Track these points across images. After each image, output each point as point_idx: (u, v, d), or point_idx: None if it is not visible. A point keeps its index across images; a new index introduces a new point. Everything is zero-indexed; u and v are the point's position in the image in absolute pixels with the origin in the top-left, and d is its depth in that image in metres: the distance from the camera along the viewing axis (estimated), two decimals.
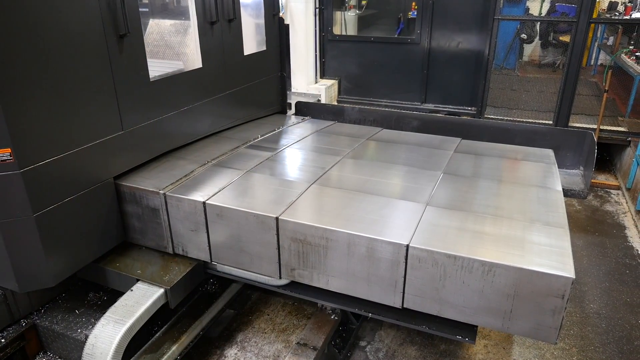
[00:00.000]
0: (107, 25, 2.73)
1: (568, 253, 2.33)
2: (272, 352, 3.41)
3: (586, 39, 5.78)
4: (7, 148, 2.33)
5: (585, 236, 4.86)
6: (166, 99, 3.30)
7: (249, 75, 4.21)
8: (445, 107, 6.86)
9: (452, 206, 2.81)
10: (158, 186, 2.96)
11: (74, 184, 2.71)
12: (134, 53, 2.96)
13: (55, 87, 2.49)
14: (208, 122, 3.81)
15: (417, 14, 6.68)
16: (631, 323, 3.68)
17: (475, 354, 3.39)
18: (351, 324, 3.46)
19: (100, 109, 2.80)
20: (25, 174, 2.42)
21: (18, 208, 2.45)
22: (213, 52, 3.66)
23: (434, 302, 2.46)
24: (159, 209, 2.97)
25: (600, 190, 5.92)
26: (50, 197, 2.57)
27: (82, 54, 2.62)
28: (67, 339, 2.86)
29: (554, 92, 6.73)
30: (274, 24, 4.43)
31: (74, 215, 2.74)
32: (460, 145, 3.90)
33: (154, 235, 3.08)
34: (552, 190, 3.05)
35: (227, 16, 3.71)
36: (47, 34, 2.41)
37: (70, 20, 2.53)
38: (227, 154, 3.52)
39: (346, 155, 3.61)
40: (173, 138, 3.48)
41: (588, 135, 3.82)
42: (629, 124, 6.26)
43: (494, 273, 2.27)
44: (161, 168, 3.25)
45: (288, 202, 2.81)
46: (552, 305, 2.22)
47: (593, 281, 4.15)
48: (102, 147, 2.85)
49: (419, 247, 2.38)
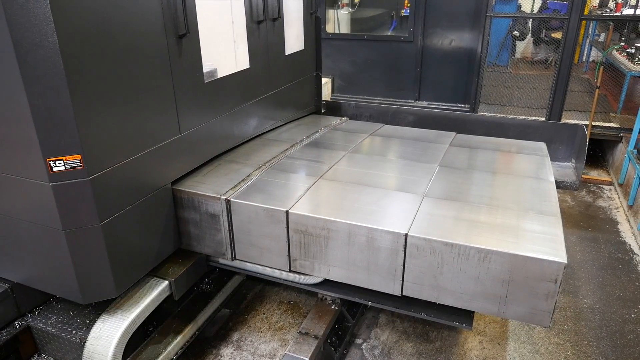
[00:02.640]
0: (168, 25, 2.65)
1: (560, 240, 2.41)
2: (268, 351, 3.41)
3: (578, 36, 5.81)
4: (77, 154, 2.25)
5: (579, 231, 4.90)
6: (217, 101, 3.22)
7: (290, 76, 4.14)
8: (438, 105, 6.88)
9: (449, 197, 2.89)
10: (218, 191, 2.89)
11: (137, 191, 2.64)
12: (192, 54, 2.89)
13: (120, 89, 2.42)
14: (254, 124, 3.73)
15: (409, 12, 6.68)
16: (624, 317, 3.71)
17: (471, 350, 3.41)
18: (347, 322, 3.47)
19: (161, 111, 2.72)
20: (94, 181, 2.34)
21: (85, 217, 2.38)
22: (259, 53, 3.58)
23: (432, 289, 2.54)
24: (219, 215, 2.89)
25: (592, 186, 5.96)
26: (115, 204, 2.50)
27: (145, 55, 2.54)
28: (61, 341, 2.85)
29: (547, 89, 6.78)
30: (311, 23, 4.37)
31: (136, 223, 2.67)
32: (456, 139, 3.98)
33: (212, 242, 3.01)
34: (545, 181, 3.13)
35: (272, 15, 3.64)
36: (114, 35, 2.33)
37: (135, 20, 2.44)
38: (278, 157, 3.45)
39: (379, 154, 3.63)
40: (223, 141, 3.41)
41: (579, 129, 3.91)
42: (621, 120, 6.31)
43: (490, 260, 2.35)
44: (215, 172, 3.18)
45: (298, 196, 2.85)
46: (546, 289, 2.30)
47: (586, 276, 4.18)
48: (162, 151, 2.78)
49: (417, 236, 2.46)
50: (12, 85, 2.11)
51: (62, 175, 2.27)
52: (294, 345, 2.87)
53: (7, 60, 2.06)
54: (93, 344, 2.68)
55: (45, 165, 2.24)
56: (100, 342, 2.66)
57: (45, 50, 2.06)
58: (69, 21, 2.09)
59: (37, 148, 2.21)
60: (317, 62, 4.60)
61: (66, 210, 2.35)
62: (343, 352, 3.38)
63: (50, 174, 2.26)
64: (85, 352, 2.70)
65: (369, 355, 3.40)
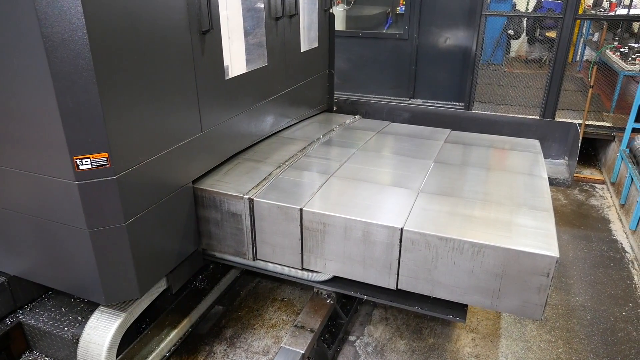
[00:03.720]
0: (192, 20, 2.59)
1: (552, 234, 2.45)
2: (262, 347, 3.41)
3: (572, 35, 5.84)
4: (104, 152, 2.20)
5: (571, 230, 4.93)
6: (237, 98, 3.18)
7: (305, 73, 4.10)
8: (433, 103, 6.89)
9: (443, 192, 2.92)
10: (241, 190, 2.85)
11: (160, 190, 2.60)
12: (214, 50, 2.84)
13: (146, 85, 2.37)
14: (270, 122, 3.69)
15: (405, 10, 6.68)
16: (615, 315, 3.74)
17: (464, 347, 3.43)
18: (340, 319, 3.47)
19: (184, 109, 2.68)
20: (120, 180, 2.29)
21: (110, 216, 2.33)
22: (276, 50, 3.54)
23: (427, 283, 2.57)
24: (241, 215, 2.85)
25: (585, 184, 6.00)
26: (139, 204, 2.46)
27: (170, 51, 2.49)
28: (53, 338, 2.83)
29: (541, 88, 6.80)
30: (325, 20, 4.33)
31: (159, 222, 2.63)
32: (450, 136, 4.01)
33: (233, 242, 2.97)
34: (538, 178, 3.17)
35: (289, 11, 3.58)
36: (142, 30, 2.27)
37: (161, 15, 2.38)
38: (297, 155, 3.42)
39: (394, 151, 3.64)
40: (242, 139, 3.37)
41: (572, 127, 3.97)
42: (614, 119, 6.35)
43: (483, 254, 2.38)
44: (235, 171, 3.14)
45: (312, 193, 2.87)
46: (538, 283, 2.34)
47: (578, 274, 4.21)
48: (185, 149, 2.73)
49: (412, 230, 2.49)
50: (40, 81, 2.06)
51: (88, 173, 2.22)
52: (290, 339, 2.88)
53: (36, 55, 2.01)
54: (90, 334, 2.67)
55: (71, 164, 2.19)
56: (97, 333, 2.65)
57: (75, 45, 2.01)
58: (98, 15, 2.04)
59: (64, 146, 2.15)
60: (329, 60, 4.55)
61: (91, 209, 2.30)
62: (336, 349, 3.38)
63: (77, 172, 2.21)
64: (81, 343, 2.68)
65: (362, 352, 3.40)
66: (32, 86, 2.10)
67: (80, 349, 2.69)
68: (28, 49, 2.02)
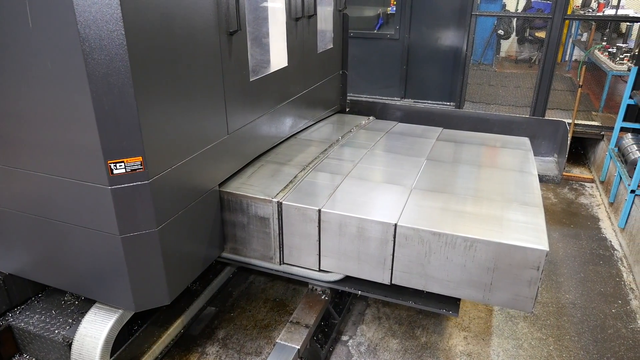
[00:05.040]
0: (220, 21, 2.55)
1: (542, 229, 2.51)
2: (254, 348, 3.41)
3: (561, 35, 5.89)
4: (138, 156, 2.14)
5: (561, 228, 4.97)
6: (260, 100, 3.15)
7: (320, 74, 4.06)
8: (424, 103, 6.92)
9: (436, 189, 2.97)
10: (269, 193, 2.82)
11: (189, 194, 2.56)
12: (240, 51, 2.79)
13: (179, 87, 2.33)
14: (290, 123, 3.65)
15: (396, 10, 6.70)
16: (605, 312, 3.78)
17: (456, 346, 3.45)
18: (333, 319, 3.47)
19: (212, 110, 2.63)
20: (152, 184, 2.23)
21: (143, 221, 2.27)
22: (296, 50, 3.50)
23: (420, 278, 2.62)
24: (269, 218, 2.82)
25: (575, 183, 6.06)
26: (170, 208, 2.41)
27: (201, 52, 2.45)
28: (43, 340, 2.80)
29: (530, 87, 6.86)
30: (339, 21, 4.29)
31: (188, 227, 2.59)
32: (442, 134, 4.07)
33: (259, 246, 2.93)
34: (528, 174, 3.23)
35: (307, 12, 3.54)
36: (175, 31, 2.23)
37: (193, 16, 2.32)
38: (319, 158, 3.40)
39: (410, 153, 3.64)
40: (265, 141, 3.34)
41: (561, 125, 4.05)
42: (602, 118, 6.41)
43: (475, 248, 2.43)
44: (260, 173, 3.11)
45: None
46: (529, 276, 2.39)
47: (568, 272, 4.25)
48: (213, 152, 2.69)
49: (406, 226, 2.53)
50: (75, 83, 2.01)
51: (122, 178, 2.16)
52: (285, 334, 2.89)
53: (73, 57, 1.96)
54: (86, 327, 2.64)
55: (105, 168, 2.13)
56: (95, 327, 2.62)
57: (112, 47, 1.96)
58: (135, 16, 1.99)
59: (98, 149, 2.09)
60: (343, 60, 4.52)
61: (124, 214, 2.24)
62: (329, 349, 3.38)
63: (110, 177, 2.14)
64: (77, 336, 2.65)
65: (355, 351, 3.41)
66: (66, 89, 2.04)
67: (76, 343, 2.65)
68: (64, 51, 1.97)
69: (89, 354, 2.58)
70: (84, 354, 2.60)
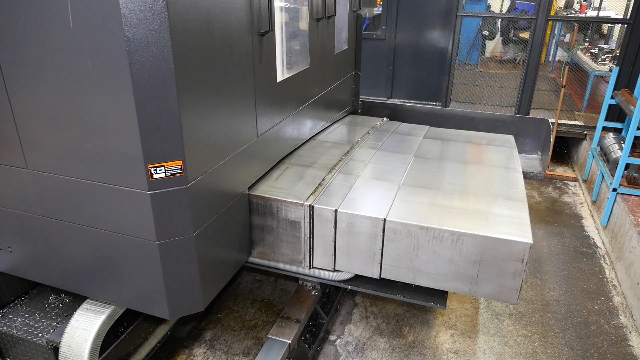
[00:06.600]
0: (253, 22, 2.49)
1: (527, 223, 2.57)
2: (242, 349, 3.39)
3: (544, 36, 5.97)
4: (179, 160, 2.08)
5: (545, 226, 5.04)
6: (286, 101, 3.10)
7: (337, 75, 4.03)
8: (410, 103, 6.96)
9: (423, 185, 3.02)
10: (300, 197, 2.79)
11: (223, 198, 2.50)
12: (270, 52, 2.75)
13: (216, 90, 2.27)
14: (310, 125, 3.61)
15: (382, 10, 6.73)
16: (588, 309, 3.84)
17: (442, 344, 3.47)
18: (321, 319, 3.48)
19: (244, 113, 2.58)
20: (191, 189, 2.17)
21: (180, 227, 2.21)
22: (316, 52, 3.46)
23: (409, 271, 2.66)
24: (300, 222, 2.78)
25: (558, 182, 6.15)
26: (206, 213, 2.35)
27: (236, 54, 2.40)
28: (27, 344, 2.76)
29: (515, 87, 6.94)
30: (354, 21, 4.26)
31: (221, 232, 2.54)
32: (429, 132, 4.12)
33: (289, 250, 2.89)
34: (513, 170, 3.31)
35: (328, 12, 3.48)
36: (214, 33, 2.17)
37: (230, 17, 2.26)
38: (343, 160, 3.36)
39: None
40: (288, 143, 3.30)
41: (544, 123, 4.15)
42: (585, 118, 6.51)
43: (462, 242, 2.48)
44: (286, 176, 3.07)
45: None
46: (513, 268, 2.45)
47: (553, 270, 4.31)
48: (244, 155, 2.64)
49: (394, 221, 2.57)
50: (117, 85, 1.93)
51: (162, 182, 2.10)
52: (276, 329, 2.90)
53: (116, 58, 1.88)
54: (78, 320, 2.60)
55: (145, 172, 2.05)
56: (86, 319, 2.59)
57: (156, 48, 1.89)
58: (180, 17, 1.92)
59: (139, 153, 2.02)
60: (356, 61, 4.49)
61: (162, 220, 2.17)
62: (317, 349, 3.39)
63: (150, 181, 2.07)
64: (68, 329, 2.61)
65: (343, 351, 3.42)
66: (107, 91, 1.97)
67: (66, 336, 2.60)
68: (107, 51, 1.89)
69: (79, 349, 2.56)
70: (73, 346, 2.58)
